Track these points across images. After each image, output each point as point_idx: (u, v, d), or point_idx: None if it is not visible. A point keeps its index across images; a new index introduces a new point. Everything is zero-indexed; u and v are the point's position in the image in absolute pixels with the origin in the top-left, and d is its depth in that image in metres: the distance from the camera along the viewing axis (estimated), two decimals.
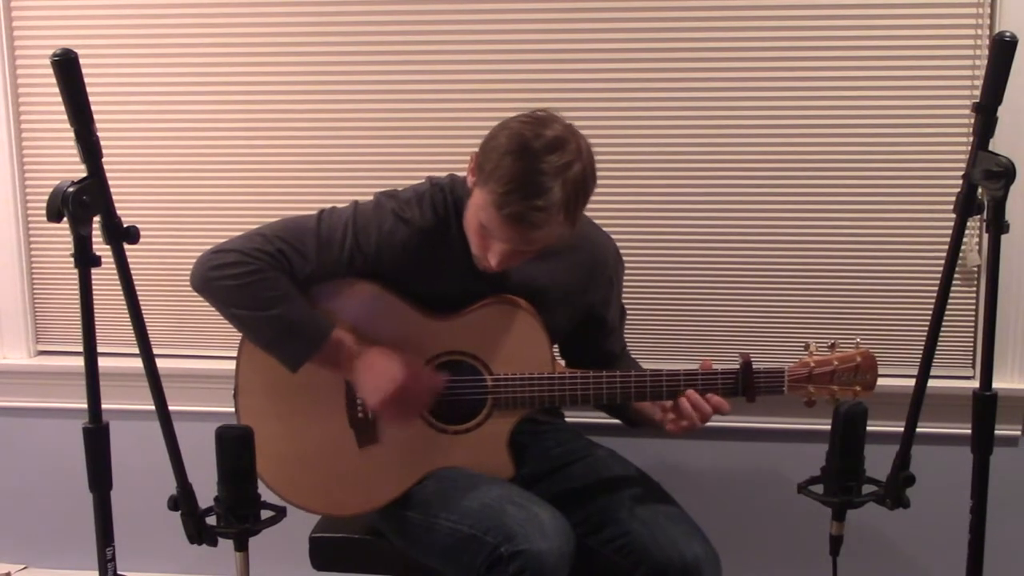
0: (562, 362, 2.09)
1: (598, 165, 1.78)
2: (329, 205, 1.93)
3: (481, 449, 1.91)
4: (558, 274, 1.94)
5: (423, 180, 1.96)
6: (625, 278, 2.12)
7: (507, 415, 1.90)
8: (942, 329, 1.61)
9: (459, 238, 1.88)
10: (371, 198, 1.94)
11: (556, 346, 2.11)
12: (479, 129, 1.81)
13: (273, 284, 1.82)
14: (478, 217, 1.75)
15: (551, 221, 1.68)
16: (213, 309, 1.88)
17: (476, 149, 1.78)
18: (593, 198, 1.75)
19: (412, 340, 1.90)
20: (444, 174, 1.96)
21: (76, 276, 1.43)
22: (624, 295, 2.13)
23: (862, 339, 1.90)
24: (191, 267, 1.87)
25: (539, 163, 1.66)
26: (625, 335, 2.15)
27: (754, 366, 1.84)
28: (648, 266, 2.37)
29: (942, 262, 1.58)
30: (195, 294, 1.88)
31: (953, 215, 1.55)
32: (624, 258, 2.11)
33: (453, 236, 1.89)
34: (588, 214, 2.03)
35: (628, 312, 2.15)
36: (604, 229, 2.07)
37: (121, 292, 1.50)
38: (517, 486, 1.87)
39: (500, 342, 1.89)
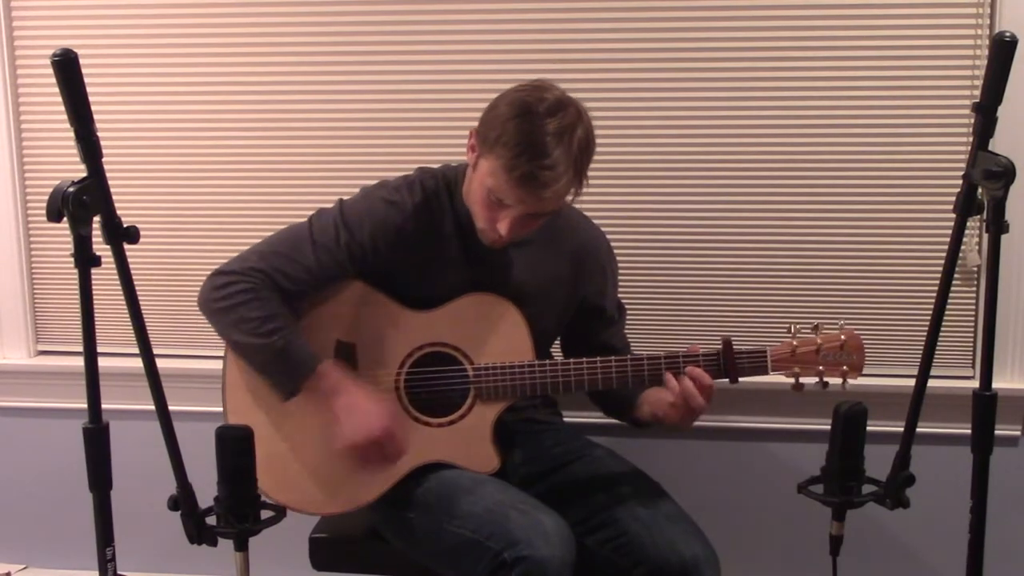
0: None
1: (595, 164, 1.78)
2: (319, 207, 1.94)
3: (465, 441, 1.91)
4: (548, 263, 1.96)
5: (414, 170, 1.97)
6: (625, 277, 2.11)
7: (490, 405, 1.90)
8: (942, 329, 1.61)
9: (452, 220, 1.91)
10: (357, 191, 1.95)
11: (558, 341, 2.11)
12: None
13: (263, 305, 1.82)
14: (485, 185, 1.77)
15: (560, 179, 1.72)
16: None
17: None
18: (591, 196, 1.74)
19: (395, 333, 1.91)
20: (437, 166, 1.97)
21: (76, 276, 1.43)
22: (623, 293, 2.12)
23: (861, 331, 1.89)
24: (189, 267, 1.87)
25: (543, 124, 1.71)
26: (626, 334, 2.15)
27: (735, 347, 1.83)
28: (646, 266, 2.37)
29: (942, 262, 1.58)
30: (195, 294, 1.88)
31: (953, 215, 1.55)
32: (624, 258, 2.10)
33: (446, 218, 1.91)
34: (584, 210, 2.04)
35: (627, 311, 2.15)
36: (598, 226, 2.07)
37: (121, 292, 1.50)
38: (520, 490, 1.87)
39: (481, 333, 1.89)
